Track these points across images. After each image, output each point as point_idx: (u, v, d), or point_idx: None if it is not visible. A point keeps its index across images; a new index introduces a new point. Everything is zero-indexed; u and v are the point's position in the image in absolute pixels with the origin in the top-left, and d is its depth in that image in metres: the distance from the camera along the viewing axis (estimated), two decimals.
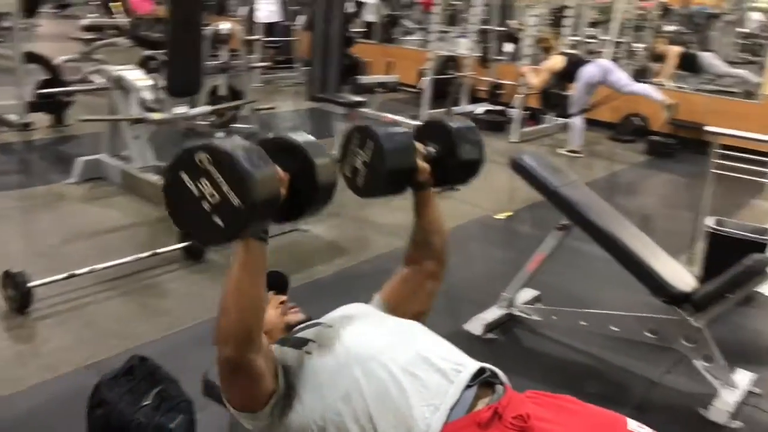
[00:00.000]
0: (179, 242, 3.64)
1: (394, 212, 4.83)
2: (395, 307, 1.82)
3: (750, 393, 2.79)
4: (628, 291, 3.65)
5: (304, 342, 1.58)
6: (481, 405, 1.42)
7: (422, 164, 1.78)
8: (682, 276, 2.82)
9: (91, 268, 3.28)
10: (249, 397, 1.50)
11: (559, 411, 1.41)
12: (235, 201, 1.29)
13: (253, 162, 1.32)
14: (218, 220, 1.31)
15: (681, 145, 7.45)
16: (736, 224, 3.82)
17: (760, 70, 11.21)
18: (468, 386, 1.44)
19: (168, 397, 1.99)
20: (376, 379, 1.44)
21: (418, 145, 1.79)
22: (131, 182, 4.60)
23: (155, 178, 4.51)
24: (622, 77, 6.75)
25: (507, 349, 3.08)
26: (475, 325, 3.14)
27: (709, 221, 3.81)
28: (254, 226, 1.38)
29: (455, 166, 1.87)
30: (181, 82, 4.47)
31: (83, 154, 4.91)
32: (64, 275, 3.17)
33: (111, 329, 2.93)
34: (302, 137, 1.54)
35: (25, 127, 5.81)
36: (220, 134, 1.37)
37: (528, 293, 3.38)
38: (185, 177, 1.32)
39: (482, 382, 1.46)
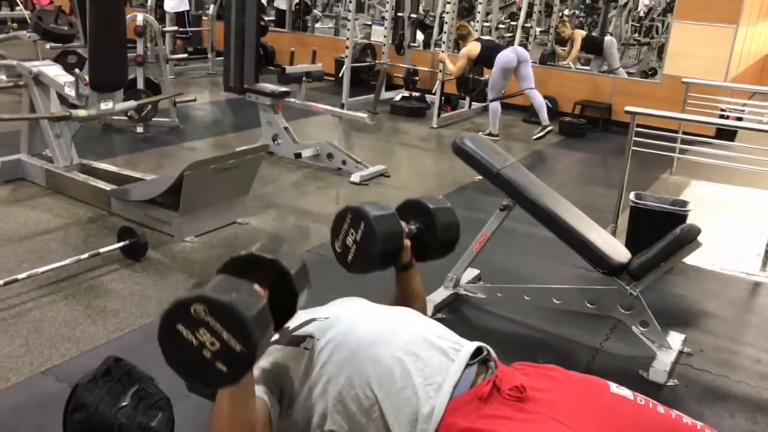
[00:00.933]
0: (117, 242, 3.57)
1: (331, 202, 4.89)
2: None
3: (681, 353, 3.03)
4: (559, 264, 3.89)
5: (302, 339, 1.63)
6: (480, 381, 1.51)
7: (406, 242, 1.96)
8: (617, 248, 3.01)
9: (30, 272, 3.18)
10: None
11: (548, 380, 1.52)
12: (237, 347, 1.31)
13: (247, 304, 1.34)
14: (221, 366, 1.32)
15: (590, 124, 7.83)
16: (654, 197, 4.07)
17: (650, 50, 11.87)
18: (468, 365, 1.53)
19: (146, 395, 1.98)
20: (379, 363, 1.51)
21: (402, 223, 1.96)
22: (56, 182, 4.43)
23: (81, 177, 4.38)
24: (529, 75, 7.02)
25: (457, 328, 3.10)
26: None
27: (631, 195, 4.05)
28: (255, 363, 1.39)
29: (435, 244, 2.06)
30: (106, 77, 4.34)
31: None
32: (3, 281, 3.06)
33: (60, 333, 2.86)
34: (271, 252, 1.56)
35: None
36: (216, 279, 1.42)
37: (469, 272, 3.51)
38: (182, 328, 1.33)
39: (481, 360, 1.55)
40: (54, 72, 4.45)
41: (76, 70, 4.32)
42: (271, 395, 1.55)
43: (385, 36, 8.61)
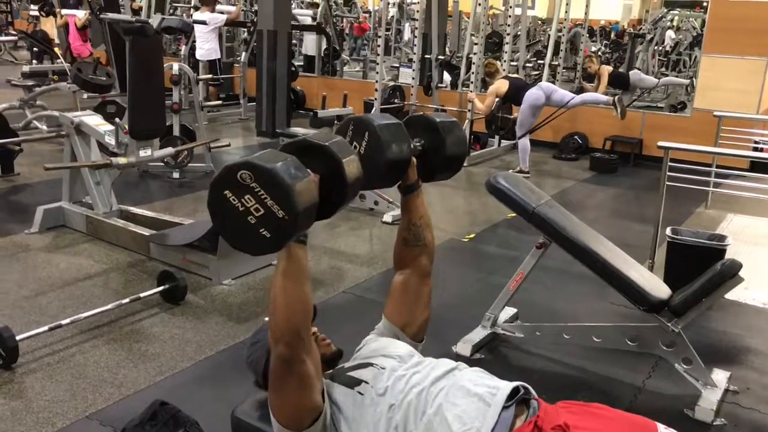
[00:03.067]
0: (157, 286, 3.63)
1: (365, 243, 4.92)
2: (405, 324, 1.90)
3: (727, 391, 2.96)
4: (597, 302, 3.86)
5: (357, 382, 1.65)
6: (519, 423, 1.51)
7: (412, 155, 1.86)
8: (657, 284, 2.98)
9: (73, 318, 3.24)
10: (298, 407, 1.55)
11: (594, 418, 1.51)
12: (280, 213, 1.37)
13: (292, 174, 1.40)
14: (265, 232, 1.39)
15: (621, 159, 7.80)
16: (691, 232, 4.03)
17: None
18: (505, 407, 1.53)
19: None
20: (422, 414, 1.53)
21: None
22: (97, 228, 4.53)
23: (121, 223, 4.47)
24: (564, 94, 7.04)
25: (496, 368, 3.13)
26: (464, 347, 3.23)
27: (667, 231, 4.02)
28: (297, 234, 1.45)
29: (441, 161, 1.94)
30: (145, 126, 4.46)
31: (39, 202, 4.81)
32: (47, 327, 3.12)
33: (103, 378, 2.90)
34: (325, 137, 1.59)
35: None
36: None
37: (507, 311, 3.49)
38: (229, 194, 1.40)
39: (519, 400, 1.55)
40: (94, 121, 4.58)
41: (116, 120, 4.45)
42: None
43: (412, 77, 8.73)
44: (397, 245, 1.95)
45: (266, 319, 1.87)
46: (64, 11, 10.41)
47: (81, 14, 9.57)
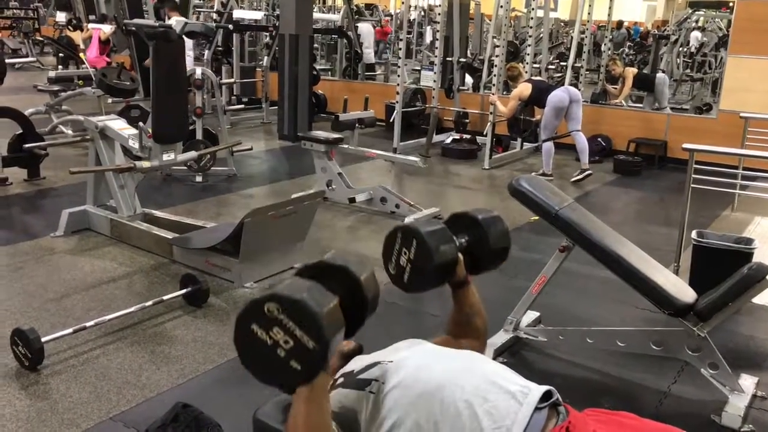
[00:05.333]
0: (180, 289, 3.65)
1: None
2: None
3: (755, 397, 2.91)
4: (620, 306, 3.81)
5: (367, 382, 1.62)
6: (551, 426, 1.48)
7: (459, 255, 1.92)
8: (682, 288, 2.94)
9: (98, 320, 3.27)
10: None
11: (621, 427, 1.47)
12: (310, 344, 1.34)
13: (319, 303, 1.38)
14: (295, 365, 1.36)
15: (645, 162, 7.72)
16: (717, 235, 3.97)
17: (703, 86, 11.72)
18: (537, 409, 1.50)
19: None
20: (447, 406, 1.49)
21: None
22: (121, 231, 4.58)
23: (144, 226, 4.51)
24: (578, 116, 6.99)
25: (518, 372, 3.13)
26: (486, 351, 3.19)
27: (693, 234, 3.96)
28: (327, 362, 1.42)
29: (486, 255, 2.00)
30: (169, 130, 4.49)
31: (64, 206, 4.87)
32: (72, 329, 3.15)
33: (126, 380, 2.92)
34: (341, 259, 1.60)
35: (2, 182, 5.76)
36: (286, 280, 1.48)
37: (529, 315, 3.46)
38: (256, 328, 1.37)
39: (551, 404, 1.52)
40: (119, 126, 4.63)
41: (140, 124, 4.49)
42: (341, 429, 1.56)
43: (434, 80, 8.72)
44: (448, 324, 1.99)
45: None
46: (90, 25, 10.55)
47: (107, 28, 9.68)
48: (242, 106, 8.93)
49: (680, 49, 12.74)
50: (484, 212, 2.03)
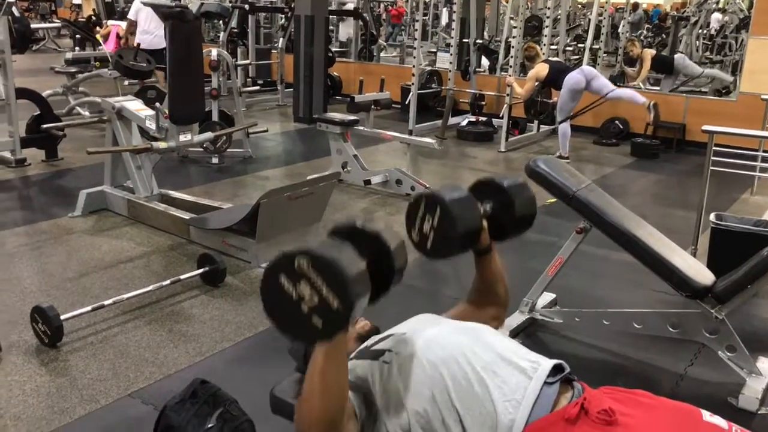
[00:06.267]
0: (197, 268, 3.68)
1: (401, 228, 4.91)
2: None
3: None
4: (637, 288, 3.80)
5: (381, 353, 1.63)
6: (564, 401, 1.48)
7: (483, 223, 1.90)
8: (701, 270, 2.92)
9: (116, 299, 3.30)
10: None
11: (637, 405, 1.47)
12: (335, 303, 1.33)
13: (349, 263, 1.37)
14: (317, 322, 1.36)
15: (663, 145, 7.65)
16: (736, 218, 3.93)
17: (723, 68, 11.56)
18: (547, 383, 1.50)
19: (230, 417, 2.03)
20: (459, 378, 1.50)
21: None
22: (138, 212, 4.61)
23: (161, 207, 4.53)
24: (605, 83, 6.92)
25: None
26: (502, 332, 3.19)
27: (711, 217, 3.93)
28: (349, 324, 1.42)
29: (511, 222, 1.97)
30: (185, 110, 4.50)
31: (82, 186, 4.91)
32: (91, 307, 3.19)
33: (144, 357, 2.95)
34: (374, 226, 1.60)
35: (20, 163, 5.81)
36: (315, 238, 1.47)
37: (545, 297, 3.45)
38: (284, 280, 1.37)
39: (563, 379, 1.52)
40: (135, 106, 4.65)
41: (157, 104, 4.50)
42: (356, 398, 1.57)
43: (450, 62, 8.67)
44: (471, 288, 1.98)
45: None
46: (109, 21, 10.55)
47: (125, 25, 9.66)
48: (257, 88, 8.92)
49: (700, 31, 12.55)
50: (510, 179, 2.00)
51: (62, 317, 2.99)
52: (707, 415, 1.45)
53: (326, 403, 1.44)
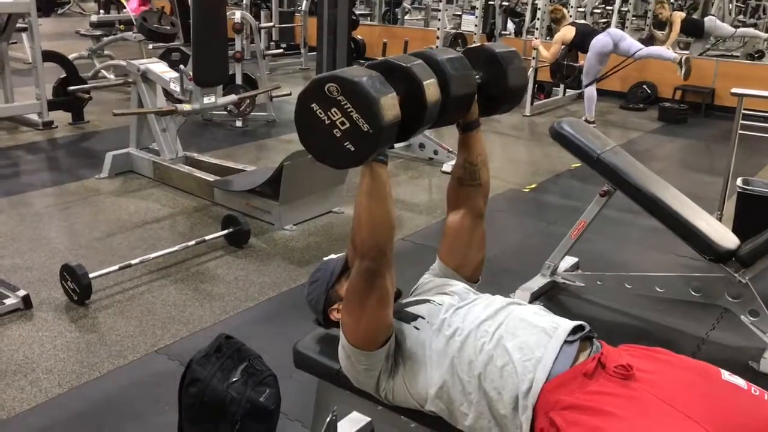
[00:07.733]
0: (222, 230, 3.72)
1: (424, 192, 4.93)
2: (459, 266, 1.88)
3: None
4: (660, 253, 3.78)
5: (414, 317, 1.66)
6: (583, 358, 1.50)
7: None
8: (725, 234, 2.89)
9: (142, 258, 3.36)
10: (375, 324, 1.56)
11: (656, 362, 1.48)
12: (365, 127, 1.39)
13: (377, 89, 1.41)
14: (349, 146, 1.41)
15: (691, 109, 7.52)
16: (764, 183, 3.87)
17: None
18: (567, 342, 1.51)
19: (254, 372, 2.07)
20: (481, 349, 1.52)
21: None
22: (163, 174, 4.66)
23: (186, 169, 4.58)
24: (633, 44, 6.79)
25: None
26: (523, 295, 3.22)
27: (738, 181, 3.87)
28: (380, 148, 1.46)
29: (502, 93, 1.85)
30: (209, 73, 4.51)
31: (108, 149, 4.96)
32: (118, 266, 3.25)
33: (171, 315, 3.01)
34: (407, 61, 1.59)
35: (47, 125, 5.88)
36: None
37: (567, 260, 3.45)
38: (315, 107, 1.42)
39: (582, 337, 1.54)
40: (160, 69, 4.67)
41: (181, 66, 4.51)
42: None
43: (476, 25, 8.55)
44: (451, 184, 1.90)
45: (326, 258, 1.89)
46: None
47: None
48: (281, 51, 8.87)
49: None
50: (501, 46, 1.89)
51: (90, 275, 3.05)
52: (726, 374, 1.46)
53: (374, 231, 1.52)
